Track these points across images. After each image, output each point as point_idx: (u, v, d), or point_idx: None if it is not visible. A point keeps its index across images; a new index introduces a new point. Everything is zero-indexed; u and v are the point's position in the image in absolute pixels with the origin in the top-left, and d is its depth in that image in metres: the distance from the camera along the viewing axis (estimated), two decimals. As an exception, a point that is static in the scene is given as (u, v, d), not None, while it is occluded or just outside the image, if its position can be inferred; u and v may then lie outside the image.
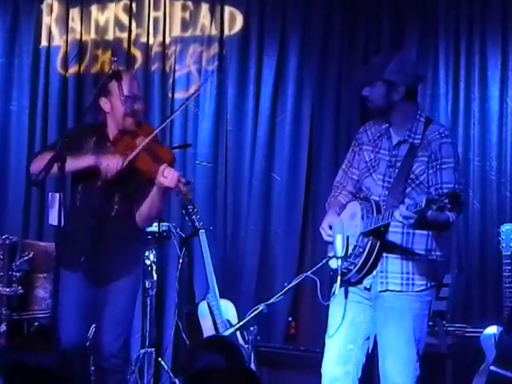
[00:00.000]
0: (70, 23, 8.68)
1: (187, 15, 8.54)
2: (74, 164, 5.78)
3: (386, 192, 5.46)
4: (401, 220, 5.14)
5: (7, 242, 7.26)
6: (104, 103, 6.02)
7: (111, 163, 5.81)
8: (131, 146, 5.90)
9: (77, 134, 6.24)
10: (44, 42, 8.74)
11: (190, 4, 8.51)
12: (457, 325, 6.82)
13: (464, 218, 5.51)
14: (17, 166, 8.35)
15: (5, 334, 6.86)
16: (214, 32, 8.50)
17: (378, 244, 5.40)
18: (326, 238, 5.65)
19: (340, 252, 5.52)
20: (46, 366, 4.28)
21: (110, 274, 6.02)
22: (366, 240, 5.39)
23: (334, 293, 5.60)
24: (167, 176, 5.74)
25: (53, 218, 5.99)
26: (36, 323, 7.11)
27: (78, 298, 5.96)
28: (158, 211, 6.16)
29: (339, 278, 5.54)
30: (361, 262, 5.40)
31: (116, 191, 5.97)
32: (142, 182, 5.95)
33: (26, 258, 7.20)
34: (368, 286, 5.50)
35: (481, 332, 6.42)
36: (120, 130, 6.01)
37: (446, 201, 4.87)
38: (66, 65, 8.68)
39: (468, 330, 6.85)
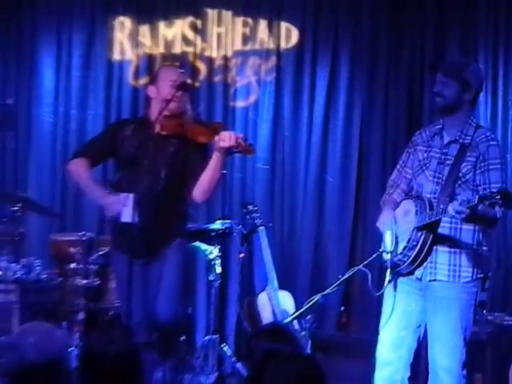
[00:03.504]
0: (140, 39, 8.74)
1: (247, 31, 8.57)
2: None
3: (438, 188, 5.49)
4: (453, 214, 5.16)
5: (84, 238, 7.36)
6: (151, 90, 6.17)
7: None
8: (174, 124, 6.05)
9: (113, 130, 6.47)
10: (117, 56, 8.81)
11: (249, 20, 8.54)
12: (496, 314, 6.81)
13: (502, 214, 5.47)
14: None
15: (83, 322, 6.91)
16: (272, 46, 8.54)
17: (431, 238, 5.42)
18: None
19: (389, 247, 5.57)
20: (119, 350, 4.31)
21: (160, 245, 6.10)
22: (419, 234, 5.41)
23: (387, 284, 5.65)
24: (225, 138, 5.83)
25: (126, 216, 5.98)
26: (111, 312, 7.13)
27: (130, 276, 5.96)
28: (218, 182, 6.15)
29: (388, 270, 5.60)
30: (414, 254, 5.43)
31: (162, 168, 6.01)
32: (192, 158, 6.03)
33: (101, 252, 7.25)
34: (419, 277, 5.52)
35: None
36: (163, 114, 6.03)
37: (498, 197, 4.91)
38: (136, 77, 8.75)
39: (506, 318, 6.83)
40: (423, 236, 5.42)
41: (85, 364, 4.31)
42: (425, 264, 5.49)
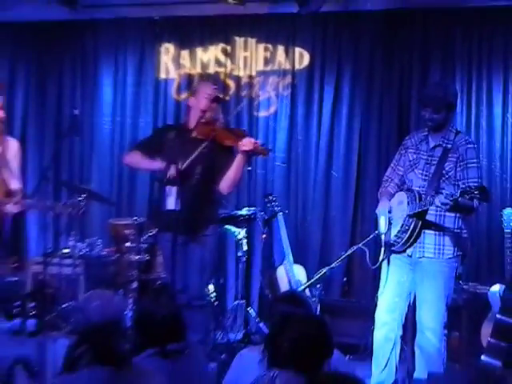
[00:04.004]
0: (182, 61, 8.73)
1: (268, 54, 8.53)
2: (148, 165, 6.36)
3: (425, 183, 5.55)
4: (439, 205, 5.27)
5: (136, 222, 7.36)
6: (191, 102, 6.25)
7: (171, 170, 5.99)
8: (208, 130, 6.05)
9: (159, 134, 6.51)
10: (162, 75, 8.81)
11: (270, 46, 8.51)
12: (470, 284, 6.76)
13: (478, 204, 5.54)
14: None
15: (136, 290, 6.91)
16: (288, 67, 8.50)
17: (420, 223, 5.48)
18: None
19: (383, 229, 5.60)
20: (166, 312, 4.29)
21: (198, 228, 6.10)
22: (410, 220, 5.48)
23: (382, 260, 5.65)
24: (246, 143, 5.94)
25: (170, 204, 6.01)
26: (158, 281, 7.13)
27: (173, 253, 6.01)
28: (240, 178, 6.27)
29: (383, 248, 5.64)
30: (406, 236, 5.50)
31: (197, 165, 5.98)
32: (220, 158, 6.05)
33: (150, 233, 7.23)
34: (410, 254, 5.58)
35: (488, 289, 6.35)
36: (199, 121, 6.07)
37: (476, 192, 4.97)
38: (178, 92, 8.74)
39: (478, 287, 6.79)
40: (414, 222, 5.49)
41: (138, 324, 4.30)
42: (415, 244, 5.53)
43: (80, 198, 6.53)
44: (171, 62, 8.75)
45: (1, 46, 9.08)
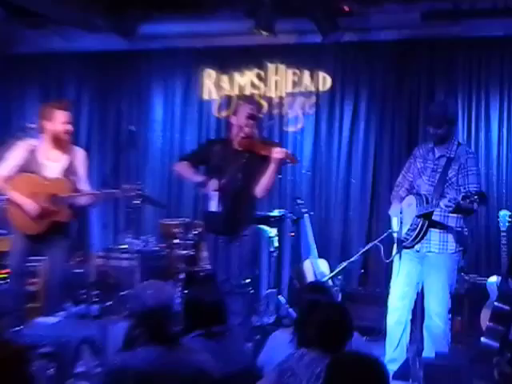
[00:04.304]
0: (222, 84, 8.77)
1: (296, 78, 8.57)
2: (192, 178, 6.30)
3: (431, 188, 5.57)
4: (443, 207, 5.30)
5: (183, 222, 7.42)
6: (232, 119, 6.26)
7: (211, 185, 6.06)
8: (247, 143, 6.09)
9: (205, 147, 6.49)
10: (206, 96, 8.86)
11: (297, 71, 8.55)
12: (471, 275, 6.75)
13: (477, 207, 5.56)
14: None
15: (183, 280, 6.94)
16: (313, 89, 8.53)
17: (427, 223, 5.50)
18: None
19: (396, 228, 5.61)
20: (210, 299, 4.33)
21: (238, 227, 6.09)
22: (418, 220, 5.50)
23: (394, 255, 5.65)
24: (278, 152, 5.95)
25: (212, 206, 6.05)
26: (203, 273, 7.14)
27: (216, 249, 6.10)
28: (272, 183, 6.24)
29: (395, 245, 5.61)
30: (415, 234, 5.53)
31: (238, 172, 6.02)
32: (257, 166, 6.05)
33: (195, 232, 7.28)
34: (418, 249, 5.61)
35: (486, 280, 6.35)
36: (239, 136, 6.11)
37: (476, 197, 4.97)
38: (219, 111, 8.79)
39: (478, 278, 6.79)
40: (421, 221, 5.51)
41: (186, 309, 4.34)
42: (422, 241, 5.55)
43: (136, 202, 6.59)
44: (213, 85, 8.79)
45: (69, 71, 9.20)
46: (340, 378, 3.03)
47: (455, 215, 5.52)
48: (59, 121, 6.20)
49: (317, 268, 7.40)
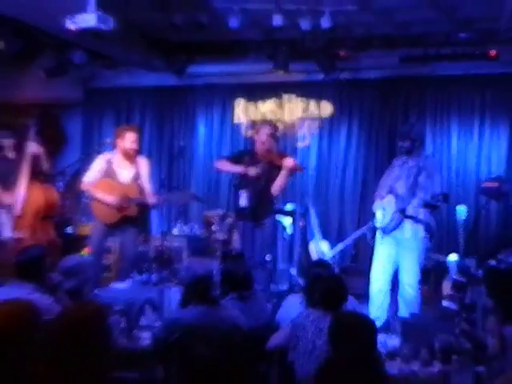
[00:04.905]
0: (248, 111, 8.75)
1: (304, 106, 8.53)
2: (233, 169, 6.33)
3: (406, 190, 5.51)
4: (415, 205, 5.41)
5: (220, 213, 7.44)
6: (256, 137, 6.30)
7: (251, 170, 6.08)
8: (266, 155, 6.12)
9: (239, 155, 6.47)
10: (236, 120, 8.83)
11: (305, 101, 8.51)
12: (436, 254, 6.68)
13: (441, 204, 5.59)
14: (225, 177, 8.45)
15: (220, 256, 6.91)
16: (316, 114, 8.48)
17: (403, 216, 5.51)
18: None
19: (379, 219, 5.62)
20: (241, 270, 4.35)
21: (260, 218, 6.12)
22: (396, 214, 5.47)
23: (376, 239, 5.67)
24: (289, 162, 6.01)
25: (242, 202, 6.08)
26: (234, 251, 7.10)
27: (244, 234, 6.13)
28: (285, 185, 6.29)
29: (378, 232, 5.70)
30: (393, 224, 5.50)
31: (262, 177, 6.07)
32: (273, 173, 6.07)
33: (228, 220, 7.28)
34: (395, 235, 5.61)
35: (447, 258, 6.28)
36: (261, 149, 6.15)
37: (440, 197, 5.00)
38: (246, 131, 8.76)
39: (440, 257, 6.70)
40: (398, 215, 5.50)
41: (223, 278, 4.36)
42: (399, 229, 5.51)
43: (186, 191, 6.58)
44: (242, 112, 8.76)
45: (135, 101, 9.22)
46: (341, 329, 3.04)
47: (424, 210, 5.51)
48: (128, 140, 6.25)
49: (319, 248, 7.38)
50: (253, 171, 6.09)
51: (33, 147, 6.24)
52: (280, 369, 3.86)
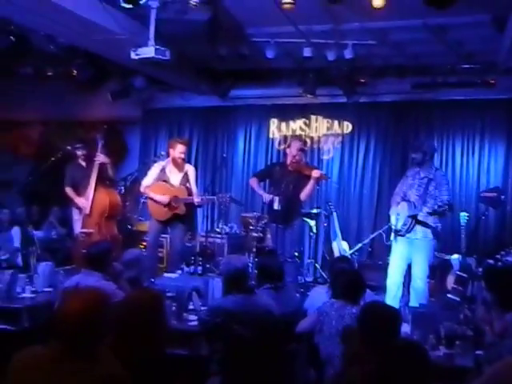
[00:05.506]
0: (281, 128, 8.71)
1: (329, 125, 8.45)
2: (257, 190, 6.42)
3: (418, 198, 5.45)
4: (425, 211, 5.33)
5: (256, 215, 7.37)
6: (288, 150, 6.30)
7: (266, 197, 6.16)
8: (296, 166, 6.11)
9: (269, 168, 6.59)
10: (271, 136, 8.78)
11: (330, 120, 8.43)
12: (441, 253, 6.57)
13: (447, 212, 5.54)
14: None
15: (255, 252, 6.87)
16: (339, 131, 8.41)
17: (414, 221, 5.45)
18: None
19: (394, 223, 5.55)
20: (274, 264, 4.33)
21: (290, 220, 6.10)
22: (409, 219, 5.46)
23: (392, 240, 5.60)
24: (316, 173, 6.00)
25: (276, 206, 6.07)
26: (267, 247, 7.03)
27: (276, 233, 6.07)
28: (312, 192, 6.28)
29: (393, 234, 5.59)
30: (407, 227, 5.48)
31: (290, 185, 6.04)
32: (302, 182, 6.07)
33: (263, 221, 7.21)
34: (408, 237, 5.56)
35: (451, 256, 6.22)
36: (292, 161, 6.11)
37: (447, 206, 4.97)
38: (279, 145, 8.72)
39: (445, 256, 6.61)
40: (411, 220, 5.43)
41: (259, 270, 4.35)
42: (411, 231, 5.44)
43: (226, 195, 6.57)
44: (276, 129, 8.71)
45: (185, 119, 9.20)
46: (371, 317, 2.99)
47: (433, 216, 5.46)
48: (178, 150, 6.31)
49: (341, 247, 7.35)
50: (267, 198, 6.11)
51: (101, 157, 6.36)
52: (307, 349, 3.84)
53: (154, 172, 6.38)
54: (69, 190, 6.46)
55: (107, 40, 5.65)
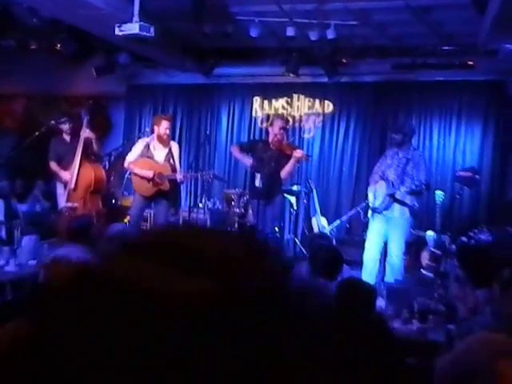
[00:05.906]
0: (264, 106, 8.66)
1: (310, 104, 8.43)
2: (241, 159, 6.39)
3: (396, 177, 5.45)
4: (403, 190, 5.31)
5: (238, 191, 7.37)
6: (270, 129, 6.28)
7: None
8: (278, 144, 6.06)
9: (252, 143, 6.59)
10: (253, 114, 8.73)
11: (311, 100, 8.41)
12: (417, 230, 6.62)
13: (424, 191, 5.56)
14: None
15: (237, 228, 6.88)
16: (320, 111, 8.38)
17: (392, 199, 5.46)
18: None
19: (372, 200, 5.55)
20: (255, 238, 4.31)
21: (271, 196, 6.07)
22: (387, 197, 5.41)
23: (369, 216, 5.62)
24: (298, 152, 5.98)
25: (257, 183, 6.05)
26: (249, 223, 7.01)
27: (258, 209, 6.05)
28: (292, 171, 6.29)
29: (370, 211, 5.60)
30: (384, 205, 5.45)
31: (272, 162, 6.00)
32: (283, 160, 6.02)
33: (245, 197, 7.25)
34: (385, 214, 5.56)
35: (425, 233, 6.26)
36: (273, 140, 6.06)
37: (424, 186, 4.97)
38: (262, 123, 8.67)
39: (421, 232, 6.65)
40: (389, 198, 5.44)
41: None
42: (389, 209, 5.46)
43: (209, 172, 6.54)
44: (258, 107, 8.67)
45: (169, 96, 9.12)
46: (347, 292, 3.00)
47: (410, 195, 5.47)
48: (164, 127, 6.22)
49: (320, 223, 7.36)
50: (248, 164, 6.12)
51: (85, 132, 6.25)
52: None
53: (138, 148, 6.31)
54: (53, 165, 6.38)
55: (92, 15, 5.52)
